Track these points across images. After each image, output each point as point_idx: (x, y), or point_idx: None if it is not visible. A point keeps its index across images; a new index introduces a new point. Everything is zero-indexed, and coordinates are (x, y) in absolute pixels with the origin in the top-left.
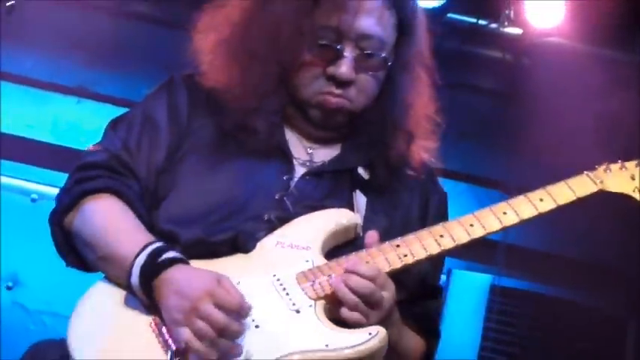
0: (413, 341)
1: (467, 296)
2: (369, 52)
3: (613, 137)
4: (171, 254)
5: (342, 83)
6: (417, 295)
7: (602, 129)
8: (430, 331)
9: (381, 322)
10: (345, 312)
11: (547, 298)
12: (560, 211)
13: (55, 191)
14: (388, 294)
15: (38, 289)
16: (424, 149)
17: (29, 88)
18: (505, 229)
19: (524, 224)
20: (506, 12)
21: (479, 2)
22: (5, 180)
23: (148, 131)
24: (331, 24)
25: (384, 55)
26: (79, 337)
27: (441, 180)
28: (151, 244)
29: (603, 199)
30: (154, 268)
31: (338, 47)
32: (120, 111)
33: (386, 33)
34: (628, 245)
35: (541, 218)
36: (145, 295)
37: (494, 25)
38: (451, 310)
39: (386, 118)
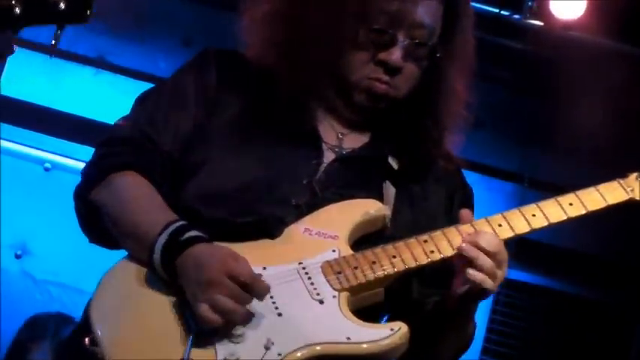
0: (471, 327)
1: None
2: (419, 41)
3: (633, 132)
4: (193, 233)
5: (392, 70)
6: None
7: (621, 124)
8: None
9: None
10: (471, 272)
11: (554, 292)
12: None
13: (69, 162)
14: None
15: (46, 259)
16: (453, 143)
17: (47, 56)
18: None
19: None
20: (530, 3)
21: None
22: (18, 147)
23: (175, 103)
24: (389, 9)
25: (431, 44)
26: (101, 314)
27: None
28: (172, 222)
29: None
30: (175, 246)
31: (391, 32)
32: (137, 83)
33: (436, 23)
34: (638, 241)
35: None
36: (167, 273)
37: (516, 16)
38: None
39: (425, 109)
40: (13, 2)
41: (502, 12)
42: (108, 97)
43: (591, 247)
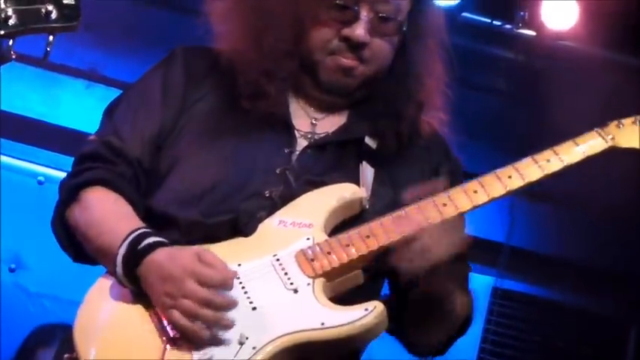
0: (463, 298)
1: None
2: (384, 15)
3: None
4: (151, 239)
5: (356, 46)
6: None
7: None
8: (466, 290)
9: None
10: (416, 235)
11: (548, 302)
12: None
13: (63, 175)
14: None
15: (40, 273)
16: (435, 119)
17: (40, 69)
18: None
19: (533, 224)
20: (521, 13)
21: (494, 2)
22: (11, 161)
23: (142, 109)
24: None
25: (399, 19)
26: (82, 330)
27: None
28: (133, 231)
29: (607, 203)
30: (134, 256)
31: (355, 8)
32: None
33: None
34: (630, 250)
35: (545, 222)
36: (132, 284)
37: (508, 26)
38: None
39: (398, 86)
40: (8, 12)
41: (494, 22)
42: (100, 110)
43: (584, 256)
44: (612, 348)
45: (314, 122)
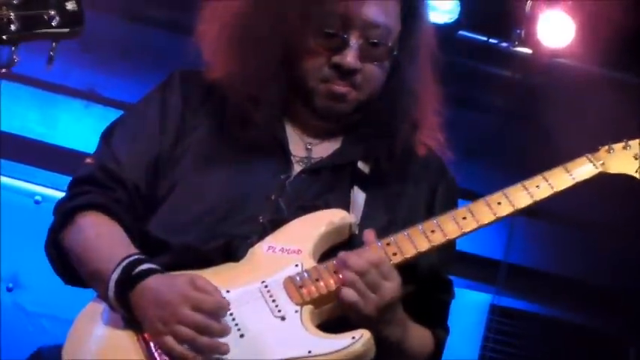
0: (420, 340)
1: (466, 315)
2: (374, 40)
3: None
4: (145, 266)
5: (347, 72)
6: (426, 288)
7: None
8: (439, 324)
9: (381, 313)
10: (343, 291)
11: (547, 319)
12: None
13: (59, 194)
14: (392, 284)
15: (38, 292)
16: (430, 139)
17: (38, 89)
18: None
19: (529, 240)
20: (518, 31)
21: (490, 20)
22: (9, 181)
23: (139, 134)
24: (337, 11)
25: (389, 44)
26: (71, 354)
27: None
28: (127, 257)
29: (606, 220)
30: (128, 281)
31: (344, 36)
32: None
33: (391, 22)
34: (630, 267)
35: (543, 239)
36: (125, 309)
37: (504, 44)
38: (449, 328)
39: (391, 108)
40: (11, 18)
41: (490, 40)
42: (99, 130)
43: (582, 273)
44: None
45: (309, 147)
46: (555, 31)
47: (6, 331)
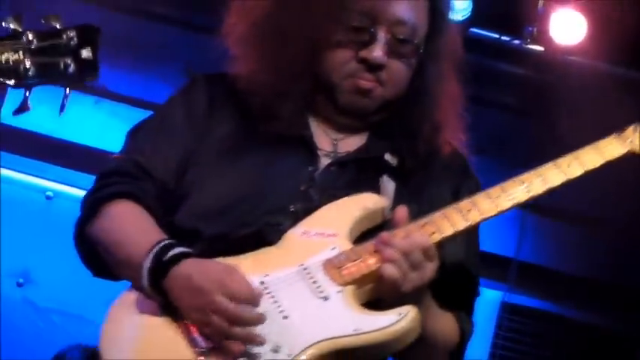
0: (446, 329)
1: (477, 312)
2: (401, 37)
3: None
4: (177, 250)
5: (374, 67)
6: (453, 284)
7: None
8: (465, 317)
9: (417, 294)
10: (384, 267)
11: (557, 317)
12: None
13: (71, 190)
14: (433, 266)
15: (49, 287)
16: (454, 139)
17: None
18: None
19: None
20: (530, 29)
21: (502, 18)
22: (20, 176)
23: (165, 132)
24: (366, 7)
25: (416, 41)
26: (110, 345)
27: None
28: (157, 243)
29: (617, 218)
30: (160, 267)
31: (372, 30)
32: (137, 111)
33: (419, 20)
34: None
35: (554, 237)
36: (159, 296)
37: (517, 42)
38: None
39: (415, 107)
40: (27, 64)
41: (502, 37)
42: (108, 125)
43: (593, 271)
44: None
45: (335, 142)
46: (567, 28)
47: (17, 326)
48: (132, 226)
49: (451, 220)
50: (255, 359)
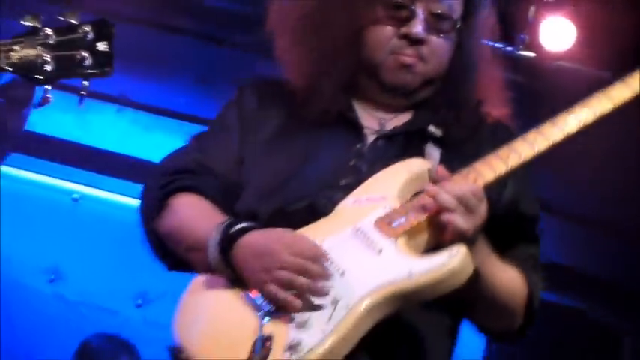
0: (508, 272)
1: None
2: (439, 12)
3: (628, 160)
4: (243, 224)
5: (415, 42)
6: (512, 234)
7: (611, 153)
8: (530, 271)
9: (476, 234)
10: (444, 214)
11: (545, 304)
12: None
13: (95, 192)
14: (484, 207)
15: (77, 282)
16: (497, 112)
17: (73, 95)
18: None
19: None
20: (522, 36)
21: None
22: (48, 180)
23: (221, 132)
24: None
25: (454, 17)
26: (183, 327)
27: None
28: (223, 222)
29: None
30: (227, 240)
31: (411, 7)
32: (157, 119)
33: None
34: (628, 259)
35: (552, 231)
36: (228, 267)
37: (509, 49)
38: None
39: (458, 81)
40: (46, 59)
41: (495, 45)
42: (130, 132)
43: (581, 261)
44: (606, 356)
45: (382, 122)
46: (557, 35)
47: (49, 318)
48: (198, 213)
49: (492, 166)
50: (318, 314)
